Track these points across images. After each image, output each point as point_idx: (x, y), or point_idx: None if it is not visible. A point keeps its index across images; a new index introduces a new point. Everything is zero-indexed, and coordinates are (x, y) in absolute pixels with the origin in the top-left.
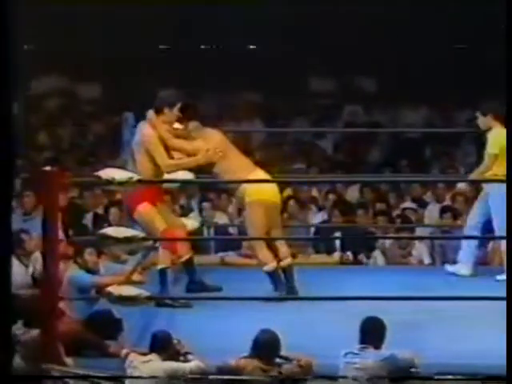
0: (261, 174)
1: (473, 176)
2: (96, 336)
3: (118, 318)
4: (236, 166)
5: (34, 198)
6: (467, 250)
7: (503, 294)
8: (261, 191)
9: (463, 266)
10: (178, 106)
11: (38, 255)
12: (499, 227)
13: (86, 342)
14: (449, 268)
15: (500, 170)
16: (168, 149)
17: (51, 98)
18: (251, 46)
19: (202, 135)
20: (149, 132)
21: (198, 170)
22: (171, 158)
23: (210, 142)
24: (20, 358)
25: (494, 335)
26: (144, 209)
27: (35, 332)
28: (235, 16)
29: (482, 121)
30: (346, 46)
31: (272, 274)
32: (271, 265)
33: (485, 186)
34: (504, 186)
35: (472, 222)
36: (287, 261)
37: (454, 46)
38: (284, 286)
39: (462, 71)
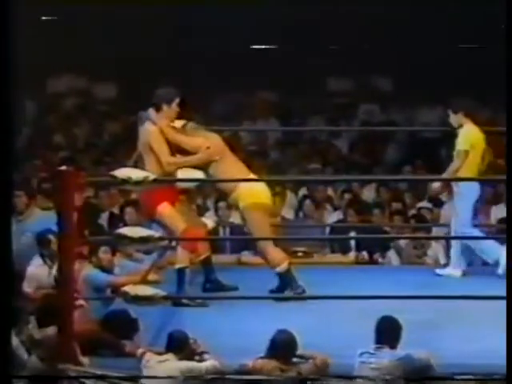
0: (254, 178)
1: (445, 175)
2: (112, 336)
3: (134, 318)
4: (230, 169)
5: (25, 198)
6: (455, 252)
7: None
8: (254, 194)
9: (453, 268)
10: (177, 101)
11: None
12: (460, 225)
13: (102, 342)
14: (439, 271)
15: (469, 168)
16: (171, 146)
17: (67, 98)
18: (266, 45)
19: (200, 134)
20: (150, 129)
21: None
22: (174, 156)
23: (209, 141)
24: (36, 357)
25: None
26: (164, 209)
27: (51, 332)
28: (247, 15)
29: (453, 118)
30: (361, 46)
31: (285, 275)
32: (283, 265)
33: (454, 186)
34: (471, 185)
35: (455, 224)
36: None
37: (461, 46)
38: (296, 284)
39: (465, 70)
